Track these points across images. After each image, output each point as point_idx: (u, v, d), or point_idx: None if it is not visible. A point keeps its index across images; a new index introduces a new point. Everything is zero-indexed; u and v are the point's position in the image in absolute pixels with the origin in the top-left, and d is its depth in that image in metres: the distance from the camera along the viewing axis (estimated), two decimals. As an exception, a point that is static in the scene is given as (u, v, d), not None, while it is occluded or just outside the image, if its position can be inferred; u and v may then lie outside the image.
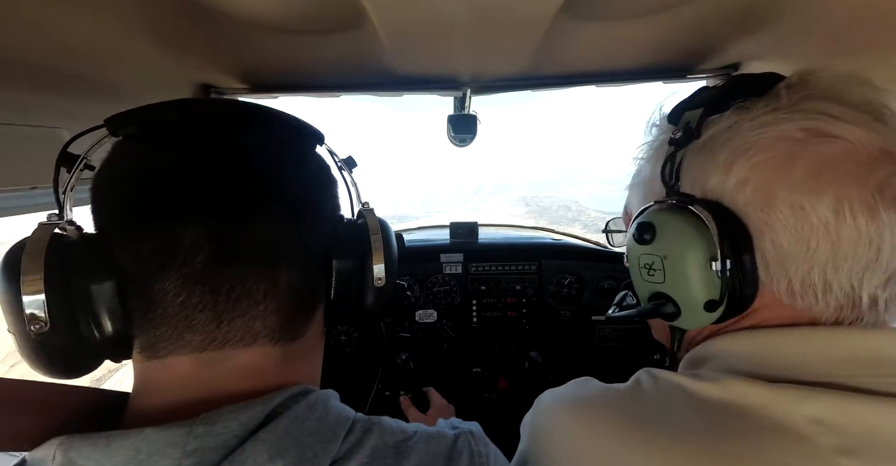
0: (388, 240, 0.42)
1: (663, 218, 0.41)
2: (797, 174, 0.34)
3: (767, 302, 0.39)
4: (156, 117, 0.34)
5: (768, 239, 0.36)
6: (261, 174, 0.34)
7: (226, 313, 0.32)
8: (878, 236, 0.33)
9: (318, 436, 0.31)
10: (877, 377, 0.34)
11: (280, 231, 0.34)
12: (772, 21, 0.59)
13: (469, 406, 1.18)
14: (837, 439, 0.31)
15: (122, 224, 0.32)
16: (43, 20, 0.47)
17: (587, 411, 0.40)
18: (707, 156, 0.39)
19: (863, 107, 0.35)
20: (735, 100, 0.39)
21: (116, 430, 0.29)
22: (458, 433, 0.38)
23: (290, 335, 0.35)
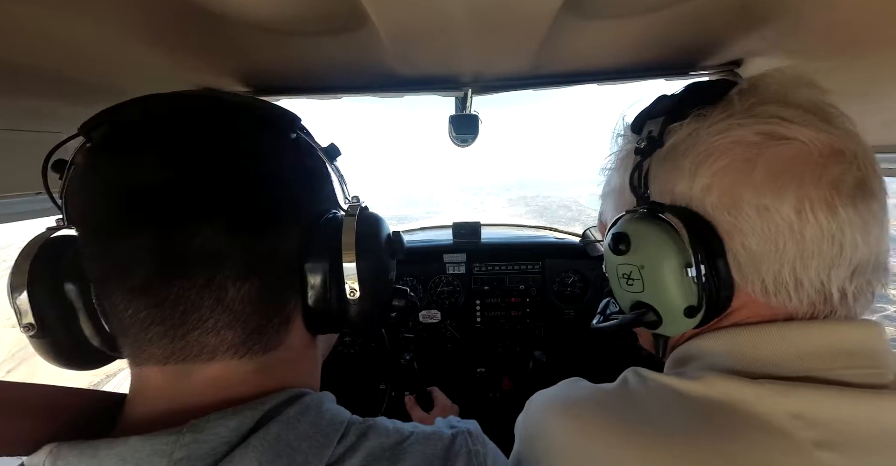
0: (368, 244, 0.37)
1: (636, 227, 0.42)
2: (758, 176, 0.36)
3: (744, 301, 0.40)
4: (119, 118, 0.33)
5: (738, 242, 0.37)
6: (204, 180, 0.31)
7: (177, 328, 0.30)
8: (839, 232, 0.35)
9: (310, 441, 0.31)
10: (849, 368, 0.36)
11: (227, 241, 0.31)
12: (774, 16, 0.58)
13: (474, 406, 1.18)
14: (816, 433, 0.33)
15: (81, 234, 0.33)
16: (45, 26, 0.47)
17: (576, 411, 0.40)
18: (672, 163, 0.40)
19: (810, 109, 0.37)
20: (692, 107, 0.40)
21: (105, 439, 0.28)
22: (455, 432, 0.38)
23: (261, 346, 0.33)
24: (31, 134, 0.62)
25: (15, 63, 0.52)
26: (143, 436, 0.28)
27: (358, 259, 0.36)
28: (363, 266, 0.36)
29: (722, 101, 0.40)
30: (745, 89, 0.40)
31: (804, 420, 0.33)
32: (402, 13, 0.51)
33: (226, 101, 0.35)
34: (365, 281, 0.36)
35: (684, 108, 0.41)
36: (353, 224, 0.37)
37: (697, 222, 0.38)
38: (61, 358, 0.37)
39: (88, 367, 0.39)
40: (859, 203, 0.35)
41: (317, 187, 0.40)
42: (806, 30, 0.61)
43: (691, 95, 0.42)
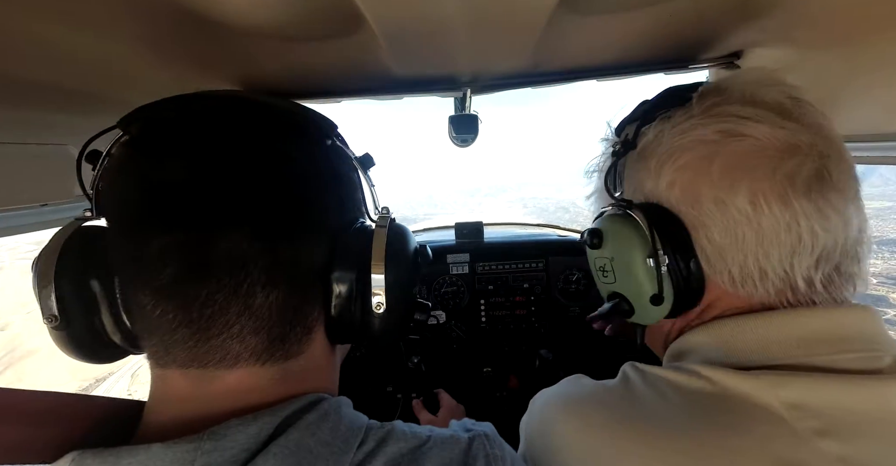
0: (398, 257, 0.37)
1: (608, 223, 0.45)
2: (715, 172, 0.38)
3: (718, 294, 0.41)
4: (156, 115, 0.32)
5: (703, 235, 0.39)
6: (235, 183, 0.31)
7: (202, 331, 0.30)
8: (794, 222, 0.36)
9: (330, 447, 0.31)
10: (842, 353, 0.36)
11: (254, 247, 0.30)
12: (774, 7, 0.58)
13: (481, 406, 1.18)
14: (816, 422, 0.33)
15: (111, 229, 0.33)
16: (46, 38, 0.47)
17: (579, 409, 0.41)
18: (641, 163, 0.43)
19: (771, 107, 0.39)
20: (660, 110, 0.43)
21: (126, 446, 0.29)
22: (472, 436, 0.37)
23: (282, 354, 0.33)
24: (34, 147, 0.62)
25: (16, 76, 0.52)
26: (164, 444, 0.28)
27: (387, 272, 0.36)
28: (391, 279, 0.36)
29: (686, 104, 0.42)
30: (709, 90, 0.42)
31: (803, 410, 0.33)
32: (398, 15, 0.51)
33: (263, 104, 0.35)
34: (392, 294, 0.36)
35: (654, 112, 0.43)
36: (384, 235, 0.37)
37: (665, 217, 0.40)
38: (79, 352, 0.37)
39: (105, 361, 0.39)
40: (814, 193, 0.36)
41: (348, 196, 0.39)
42: (806, 20, 0.60)
43: (661, 100, 0.45)
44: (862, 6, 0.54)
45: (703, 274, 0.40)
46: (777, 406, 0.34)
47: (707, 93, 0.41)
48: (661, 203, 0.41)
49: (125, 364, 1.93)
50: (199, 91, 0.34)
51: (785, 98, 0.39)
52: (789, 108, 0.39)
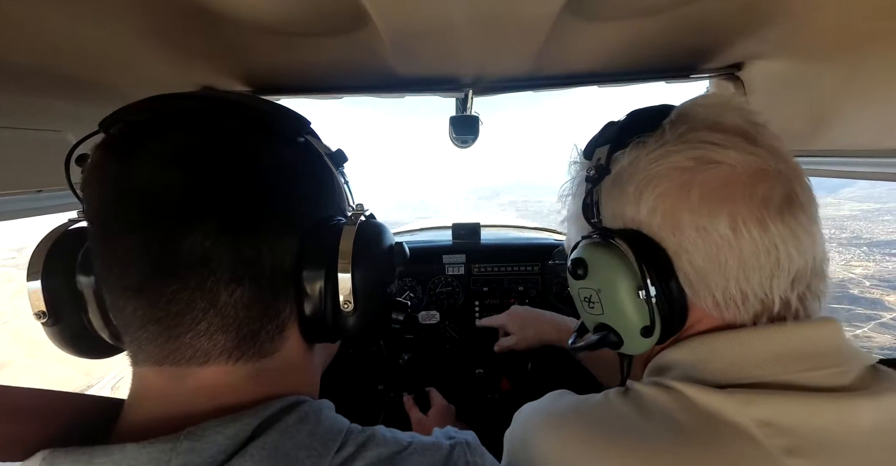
0: (366, 254, 0.36)
1: (592, 253, 0.44)
2: (694, 198, 0.38)
3: (700, 316, 0.42)
4: (131, 117, 0.33)
5: (685, 260, 0.39)
6: (198, 182, 0.31)
7: (171, 329, 0.30)
8: (772, 245, 0.37)
9: (308, 450, 0.30)
10: (812, 370, 0.37)
11: (218, 244, 0.30)
12: (775, 19, 0.58)
13: (473, 408, 1.18)
14: (785, 440, 0.34)
15: (89, 230, 0.34)
16: (47, 25, 0.47)
17: (560, 423, 0.42)
18: (619, 189, 0.43)
19: (737, 132, 0.40)
20: (633, 136, 0.43)
21: (101, 445, 0.28)
22: (454, 443, 0.37)
23: (255, 352, 0.33)
24: (32, 132, 0.62)
25: (16, 62, 0.52)
26: (139, 443, 0.28)
27: (354, 270, 0.35)
28: (360, 277, 0.36)
29: (657, 129, 0.42)
30: (677, 117, 0.42)
31: (773, 428, 0.34)
32: (403, 14, 0.51)
33: (233, 102, 0.35)
34: (361, 293, 0.36)
35: (625, 137, 0.43)
36: (353, 233, 0.36)
37: (647, 244, 0.41)
38: (72, 347, 0.38)
39: (99, 356, 0.40)
40: (787, 216, 0.37)
41: (319, 193, 0.39)
42: (807, 32, 0.61)
43: (632, 124, 0.45)
44: (863, 20, 0.54)
45: (687, 299, 0.41)
46: (748, 424, 0.34)
47: (678, 119, 0.42)
48: (642, 229, 0.41)
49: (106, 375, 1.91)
50: (185, 92, 0.36)
51: (746, 123, 0.40)
52: (752, 134, 0.40)
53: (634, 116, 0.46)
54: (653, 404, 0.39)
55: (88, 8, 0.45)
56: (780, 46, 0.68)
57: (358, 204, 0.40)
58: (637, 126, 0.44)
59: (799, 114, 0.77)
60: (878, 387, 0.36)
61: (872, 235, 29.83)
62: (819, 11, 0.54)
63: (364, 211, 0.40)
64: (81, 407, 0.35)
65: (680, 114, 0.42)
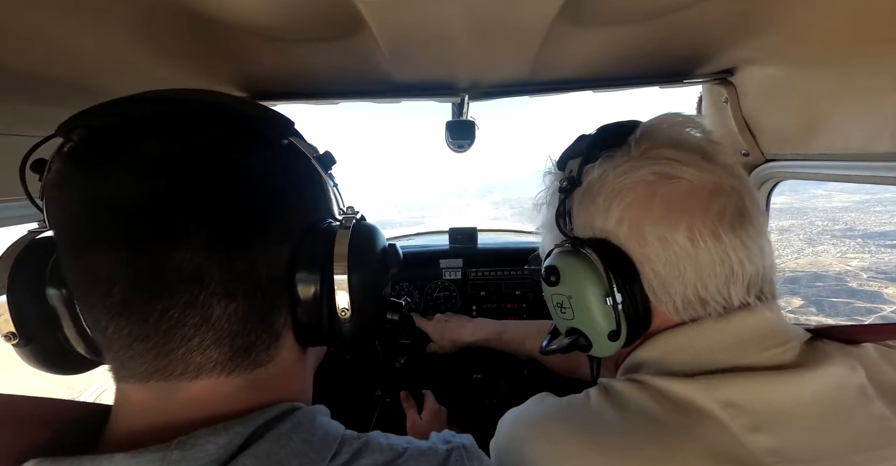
0: (361, 258, 0.35)
1: (563, 261, 0.47)
2: (657, 211, 0.41)
3: (664, 319, 0.45)
4: (97, 122, 0.30)
5: (648, 268, 0.42)
6: (183, 194, 0.29)
7: (160, 346, 0.29)
8: (726, 255, 0.40)
9: (302, 458, 0.30)
10: (759, 352, 0.41)
11: (209, 258, 0.29)
12: (767, 26, 0.59)
13: (471, 412, 1.17)
14: (747, 418, 0.37)
15: (59, 245, 0.32)
16: (43, 32, 0.47)
17: (544, 425, 0.44)
18: (589, 200, 0.45)
19: (696, 150, 0.43)
20: (602, 150, 0.46)
21: (89, 455, 0.27)
22: (450, 448, 0.37)
23: (249, 363, 0.32)
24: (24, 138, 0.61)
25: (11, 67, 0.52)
26: (129, 453, 0.27)
27: (350, 274, 0.35)
28: (355, 281, 0.35)
29: (625, 145, 0.45)
30: (642, 135, 0.45)
31: (736, 408, 0.37)
32: (399, 20, 0.51)
33: (211, 105, 0.33)
34: (357, 296, 0.35)
35: (595, 151, 0.46)
36: (347, 236, 0.35)
37: (614, 253, 0.43)
38: (47, 366, 0.36)
39: (77, 372, 0.38)
40: (738, 228, 0.41)
41: (309, 197, 0.38)
42: (799, 38, 0.62)
43: (601, 139, 0.47)
44: (853, 26, 0.55)
45: (650, 304, 0.44)
46: (714, 406, 0.37)
47: (642, 136, 0.45)
48: (610, 238, 0.44)
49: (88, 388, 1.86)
50: (148, 91, 0.33)
51: (705, 142, 0.44)
52: (710, 152, 0.43)
53: (604, 131, 0.48)
54: (629, 400, 0.41)
55: (85, 14, 0.45)
56: (771, 52, 0.69)
57: (349, 206, 0.39)
58: (606, 141, 0.47)
59: (790, 119, 0.78)
60: (814, 361, 0.40)
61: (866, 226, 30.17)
62: (809, 19, 0.55)
63: (356, 213, 0.39)
64: (69, 414, 0.34)
65: (644, 131, 0.46)
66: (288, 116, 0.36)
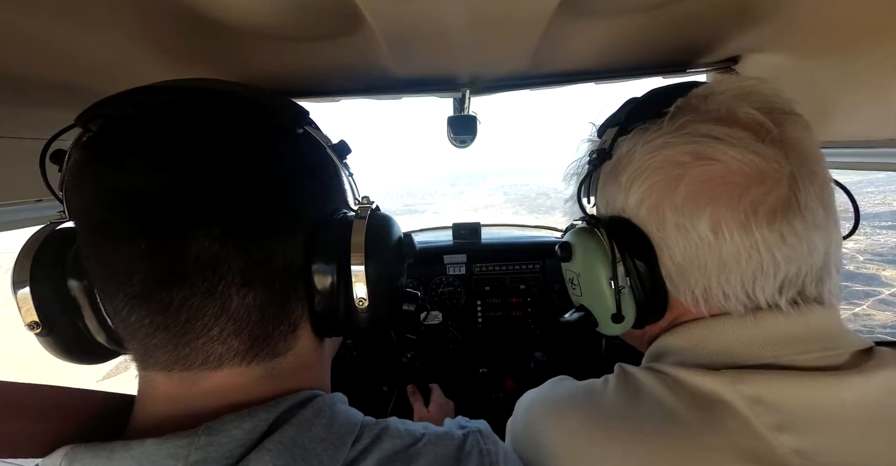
0: (378, 248, 0.36)
1: (577, 238, 0.45)
2: (679, 196, 0.37)
3: (683, 310, 0.42)
4: (113, 111, 0.31)
5: (667, 255, 0.40)
6: (199, 183, 0.29)
7: (180, 336, 0.29)
8: (755, 250, 0.36)
9: (325, 443, 0.30)
10: (799, 353, 0.37)
11: (226, 249, 0.29)
12: (771, 12, 0.58)
13: (477, 407, 1.18)
14: (774, 416, 0.34)
15: (79, 234, 0.32)
16: (46, 35, 0.47)
17: (560, 409, 0.42)
18: (613, 177, 0.42)
19: (748, 126, 0.37)
20: (637, 121, 0.42)
21: (120, 441, 0.28)
22: (466, 432, 0.37)
23: (268, 353, 0.32)
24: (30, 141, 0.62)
25: (15, 72, 0.52)
26: (158, 439, 0.28)
27: (367, 264, 0.34)
28: (373, 271, 0.35)
29: (663, 116, 0.40)
30: (685, 105, 0.40)
31: (763, 405, 0.34)
32: (398, 16, 0.51)
33: (227, 94, 0.33)
34: (374, 286, 0.35)
35: (631, 121, 0.42)
36: (363, 226, 0.35)
37: (633, 235, 0.40)
38: (68, 355, 0.36)
39: (97, 361, 0.38)
40: (778, 222, 0.36)
41: (325, 187, 0.38)
42: (803, 25, 0.61)
43: (641, 106, 0.43)
44: (857, 14, 0.55)
45: (667, 292, 0.41)
46: (739, 401, 0.35)
47: (686, 106, 0.40)
48: (631, 219, 0.41)
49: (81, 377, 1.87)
50: (163, 81, 0.33)
51: (764, 115, 0.37)
52: (768, 127, 0.37)
53: (647, 98, 0.43)
54: (645, 389, 0.39)
55: (87, 16, 0.45)
56: (775, 40, 0.68)
57: (364, 196, 0.39)
58: (645, 110, 0.42)
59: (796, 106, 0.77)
60: (866, 365, 0.36)
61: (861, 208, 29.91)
62: (812, 6, 0.54)
63: (371, 203, 0.38)
64: (96, 404, 0.35)
65: (690, 100, 0.40)
66: (302, 106, 0.36)
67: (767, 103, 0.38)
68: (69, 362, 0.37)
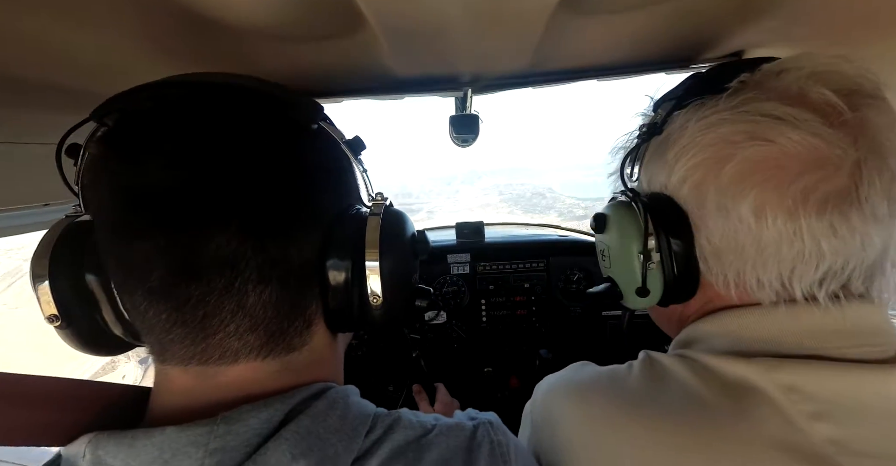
0: (393, 244, 0.36)
1: (612, 210, 0.45)
2: (725, 176, 0.36)
3: (713, 294, 0.42)
4: (130, 106, 0.31)
5: (704, 236, 0.39)
6: (217, 180, 0.29)
7: (197, 331, 0.30)
8: (798, 239, 0.34)
9: (340, 434, 0.31)
10: (848, 347, 0.36)
11: (243, 246, 0.29)
12: (774, 7, 0.58)
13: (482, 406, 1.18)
14: (811, 405, 0.33)
15: (97, 230, 0.32)
16: (48, 38, 0.47)
17: (582, 394, 0.42)
18: (660, 153, 0.41)
19: (817, 108, 0.34)
20: (695, 95, 0.40)
21: (141, 429, 0.29)
22: (477, 423, 0.38)
23: (283, 348, 0.33)
24: (36, 146, 0.62)
25: (17, 76, 0.52)
26: (179, 426, 0.28)
27: (382, 260, 0.35)
28: (387, 267, 0.35)
29: (723, 92, 0.38)
30: (750, 81, 0.38)
31: (798, 393, 0.33)
32: (399, 15, 0.51)
33: (244, 89, 0.33)
34: (388, 282, 0.35)
35: (689, 96, 0.40)
36: (378, 223, 0.35)
37: (670, 211, 0.40)
38: (87, 347, 0.37)
39: (115, 353, 0.39)
40: (830, 212, 0.33)
41: (339, 183, 0.38)
42: (807, 19, 0.60)
43: (703, 80, 0.41)
44: (862, 6, 0.54)
45: (699, 273, 0.40)
46: (773, 389, 0.34)
47: (748, 83, 0.38)
48: (672, 197, 0.40)
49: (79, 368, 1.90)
50: (178, 75, 0.33)
51: (840, 96, 0.34)
52: (840, 110, 0.34)
53: (711, 71, 0.41)
54: (672, 375, 0.39)
55: (87, 18, 0.45)
56: (779, 35, 0.67)
57: (378, 192, 0.39)
58: (706, 84, 0.40)
59: None
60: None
61: None
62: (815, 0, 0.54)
63: (385, 200, 0.38)
64: (113, 396, 0.36)
65: (759, 75, 0.38)
66: (316, 101, 0.36)
67: (849, 84, 0.35)
68: (87, 354, 0.38)
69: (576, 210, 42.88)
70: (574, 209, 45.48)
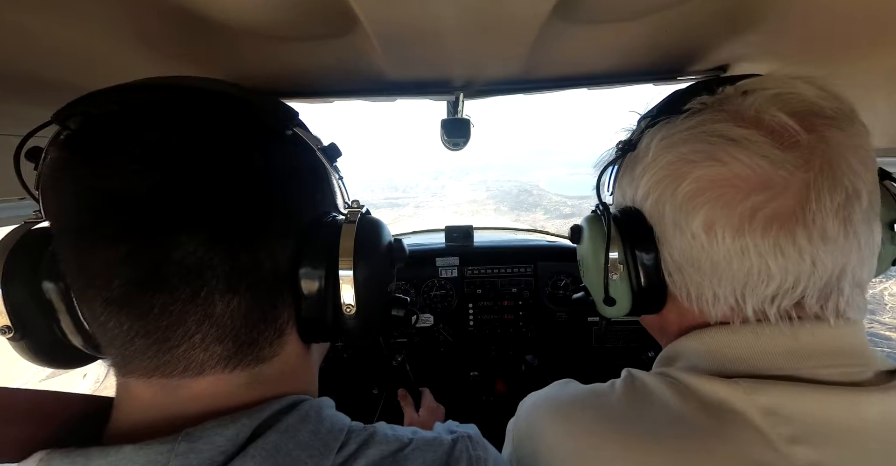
0: (367, 253, 0.35)
1: (587, 223, 0.48)
2: (680, 194, 0.38)
3: (682, 309, 0.43)
4: (95, 109, 0.30)
5: (667, 250, 0.41)
6: (184, 186, 0.28)
7: (160, 342, 0.29)
8: (746, 257, 0.36)
9: (310, 450, 0.30)
10: (825, 367, 0.36)
11: (211, 254, 0.28)
12: (759, 22, 0.60)
13: (468, 410, 1.18)
14: (789, 428, 0.33)
15: (56, 236, 0.31)
16: (37, 31, 0.46)
17: (565, 412, 0.42)
18: (631, 168, 0.44)
19: (770, 130, 0.35)
20: (665, 114, 0.42)
21: (97, 447, 0.28)
22: (455, 437, 0.37)
23: (253, 359, 0.32)
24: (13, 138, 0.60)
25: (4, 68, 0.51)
26: (136, 445, 0.27)
27: (356, 269, 0.34)
28: (361, 276, 0.34)
29: (687, 111, 0.40)
30: (712, 101, 0.39)
31: (777, 416, 0.34)
32: (393, 18, 0.51)
33: (214, 93, 0.32)
34: (363, 292, 0.34)
35: (660, 114, 0.42)
36: (353, 231, 0.35)
37: (639, 225, 0.42)
38: (44, 359, 0.35)
39: (75, 366, 0.38)
40: (776, 231, 0.34)
41: (313, 190, 0.37)
42: (791, 35, 0.62)
43: (671, 100, 0.43)
44: (844, 23, 0.56)
45: (664, 285, 0.42)
46: (752, 411, 0.34)
47: (708, 104, 0.39)
48: (641, 211, 0.43)
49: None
50: (148, 78, 0.32)
51: (796, 119, 0.35)
52: (792, 132, 0.34)
53: (681, 92, 0.43)
54: (653, 394, 0.39)
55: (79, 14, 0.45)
56: (763, 49, 0.69)
57: (353, 200, 0.38)
58: (672, 104, 0.42)
59: None
60: (891, 384, 0.35)
61: None
62: (800, 14, 0.56)
63: (361, 207, 0.38)
64: (75, 407, 0.34)
65: (721, 96, 0.39)
66: (291, 106, 0.36)
67: (807, 107, 0.36)
68: (44, 367, 0.36)
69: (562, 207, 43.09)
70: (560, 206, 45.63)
